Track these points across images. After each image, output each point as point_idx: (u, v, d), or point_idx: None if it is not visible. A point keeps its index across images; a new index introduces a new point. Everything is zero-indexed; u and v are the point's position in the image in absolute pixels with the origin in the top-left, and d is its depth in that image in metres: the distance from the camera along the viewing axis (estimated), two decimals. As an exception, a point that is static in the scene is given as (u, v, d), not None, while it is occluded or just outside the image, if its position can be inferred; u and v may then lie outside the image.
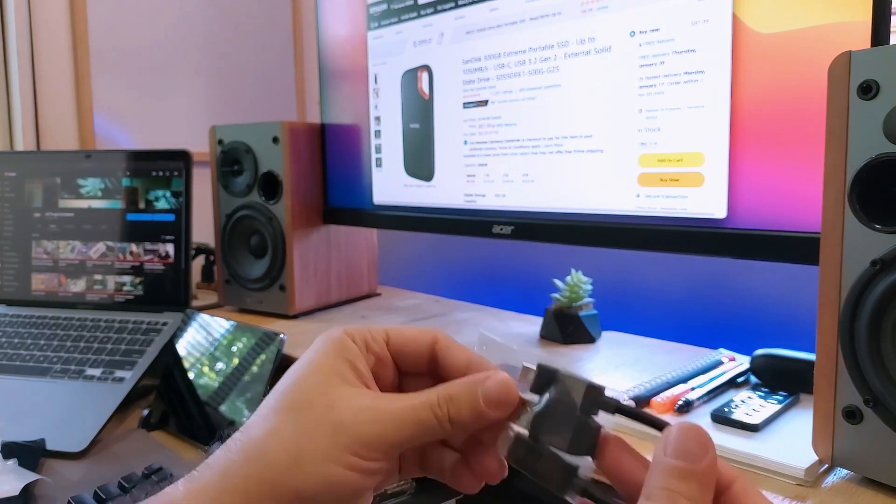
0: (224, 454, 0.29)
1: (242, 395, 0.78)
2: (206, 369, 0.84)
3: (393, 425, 0.29)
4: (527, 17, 0.80)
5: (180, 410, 0.82)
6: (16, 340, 0.96)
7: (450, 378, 0.33)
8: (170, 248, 1.05)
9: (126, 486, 0.62)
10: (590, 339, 0.88)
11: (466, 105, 0.89)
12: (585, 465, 0.29)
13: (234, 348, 0.83)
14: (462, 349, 0.34)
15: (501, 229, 0.86)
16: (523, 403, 0.31)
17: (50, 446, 0.73)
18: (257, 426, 0.30)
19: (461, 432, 0.32)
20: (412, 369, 0.35)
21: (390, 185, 1.02)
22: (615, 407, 0.30)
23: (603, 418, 0.30)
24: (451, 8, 0.89)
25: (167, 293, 1.04)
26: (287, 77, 1.71)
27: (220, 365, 0.83)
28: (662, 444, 0.26)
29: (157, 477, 0.64)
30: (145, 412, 0.84)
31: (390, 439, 0.29)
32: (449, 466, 0.34)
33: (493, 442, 0.32)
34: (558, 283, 0.90)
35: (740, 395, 0.63)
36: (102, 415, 0.80)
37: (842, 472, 0.50)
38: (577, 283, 0.89)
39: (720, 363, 0.72)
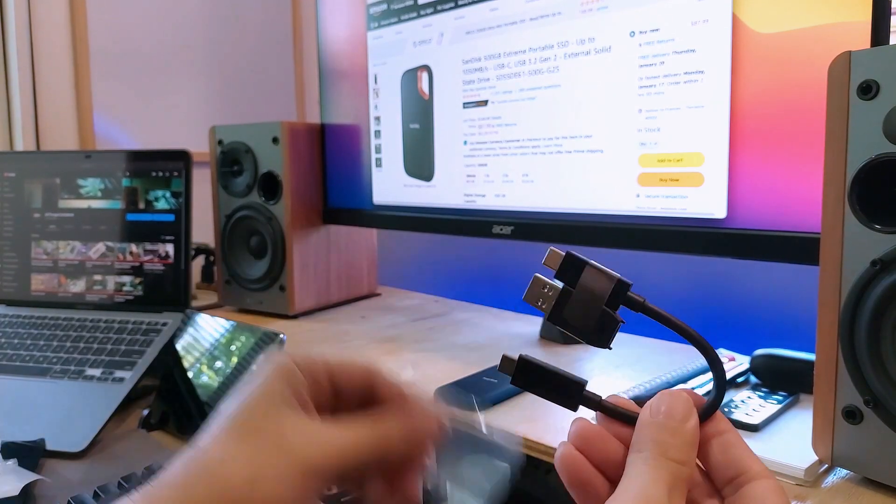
0: (183, 474, 0.30)
1: (242, 396, 0.78)
2: (205, 369, 0.84)
3: (339, 454, 0.31)
4: (527, 17, 0.80)
5: (180, 410, 0.82)
6: (16, 341, 0.96)
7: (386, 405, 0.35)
8: (170, 248, 1.05)
9: (126, 486, 0.62)
10: (590, 339, 0.87)
11: (466, 105, 0.89)
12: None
13: (234, 348, 0.83)
14: (393, 385, 0.36)
15: (501, 229, 0.86)
16: (544, 286, 0.32)
17: (50, 446, 0.73)
18: (214, 449, 0.31)
19: (398, 460, 0.34)
20: (351, 390, 0.36)
21: (390, 185, 1.02)
22: (641, 306, 0.33)
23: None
24: (451, 8, 0.89)
25: (167, 293, 1.04)
26: (287, 77, 1.71)
27: (219, 365, 0.83)
28: (648, 408, 0.30)
29: (157, 477, 0.64)
30: (145, 412, 0.84)
31: (337, 466, 0.31)
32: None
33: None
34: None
35: (740, 395, 0.63)
36: (102, 415, 0.80)
37: (842, 472, 0.50)
38: (576, 283, 0.89)
39: (720, 363, 0.72)
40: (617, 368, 0.77)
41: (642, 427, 0.29)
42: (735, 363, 0.72)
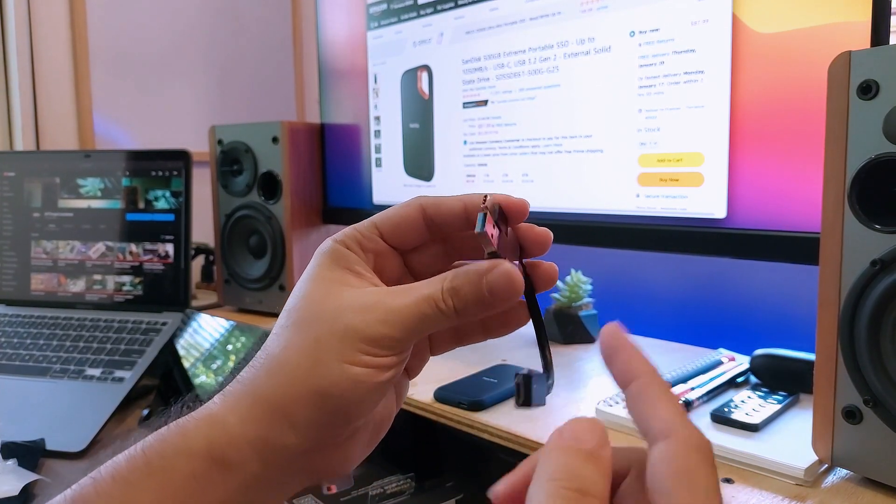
0: (250, 371, 0.31)
1: (242, 395, 0.78)
2: (205, 369, 0.84)
3: (399, 323, 0.30)
4: (526, 17, 0.80)
5: (180, 410, 0.82)
6: (15, 340, 0.96)
7: (455, 231, 0.34)
8: (169, 247, 1.05)
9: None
10: (589, 339, 0.88)
11: (466, 105, 0.89)
12: None
13: (234, 348, 0.83)
14: (451, 198, 0.34)
15: (501, 229, 0.86)
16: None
17: (50, 446, 0.73)
18: (274, 344, 0.31)
19: (469, 320, 0.32)
20: (414, 245, 0.35)
21: (390, 185, 1.02)
22: None
23: None
24: (451, 8, 0.89)
25: (167, 293, 1.04)
26: (287, 77, 1.71)
27: (218, 364, 0.83)
28: (559, 432, 0.24)
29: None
30: (145, 412, 0.84)
31: (398, 336, 0.30)
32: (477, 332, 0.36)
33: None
34: (558, 283, 0.90)
35: (740, 395, 0.63)
36: (102, 415, 0.80)
37: (841, 472, 0.50)
38: (576, 283, 0.89)
39: (720, 363, 0.72)
40: (617, 368, 0.77)
41: (552, 450, 0.23)
42: (735, 363, 0.72)
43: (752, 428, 0.56)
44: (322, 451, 0.32)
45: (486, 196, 0.33)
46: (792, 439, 0.54)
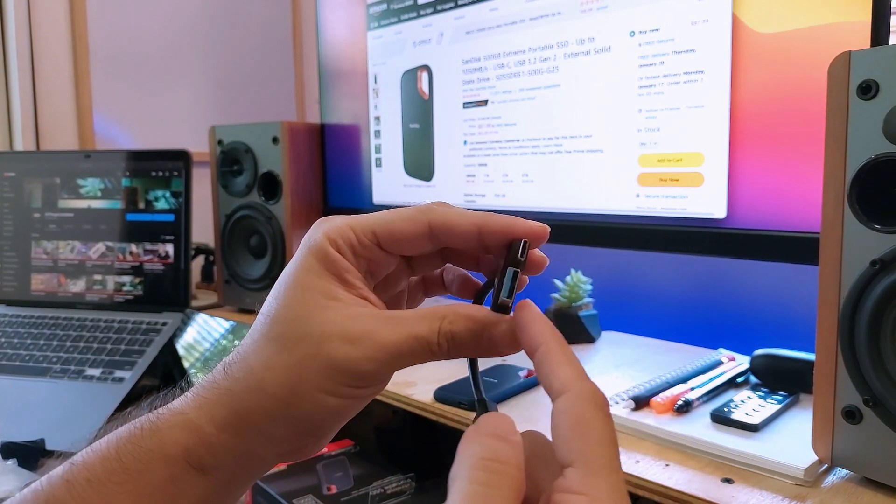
0: (227, 379, 0.31)
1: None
2: (205, 369, 0.84)
3: (386, 360, 0.29)
4: (526, 17, 0.80)
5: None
6: (15, 340, 0.97)
7: (461, 249, 0.33)
8: (169, 248, 1.05)
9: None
10: (589, 339, 0.88)
11: (466, 105, 0.89)
12: None
13: (233, 348, 0.83)
14: (463, 218, 0.31)
15: (501, 229, 0.86)
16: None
17: (50, 446, 0.73)
18: (254, 356, 0.30)
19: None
20: (413, 254, 0.34)
21: (390, 185, 1.02)
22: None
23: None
24: (451, 8, 0.89)
25: (167, 293, 1.04)
26: (287, 77, 1.71)
27: (219, 365, 0.83)
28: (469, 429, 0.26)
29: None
30: (145, 412, 0.84)
31: (384, 373, 0.30)
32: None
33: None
34: (558, 283, 0.90)
35: (740, 395, 0.63)
36: (102, 415, 0.80)
37: (841, 472, 0.50)
38: (576, 283, 0.89)
39: (720, 363, 0.72)
40: (617, 368, 0.77)
41: (464, 440, 0.25)
42: (735, 363, 0.72)
43: (751, 428, 0.56)
44: (293, 455, 0.32)
45: (521, 247, 0.30)
46: (792, 439, 0.54)
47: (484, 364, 0.77)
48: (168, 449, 0.30)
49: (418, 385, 0.69)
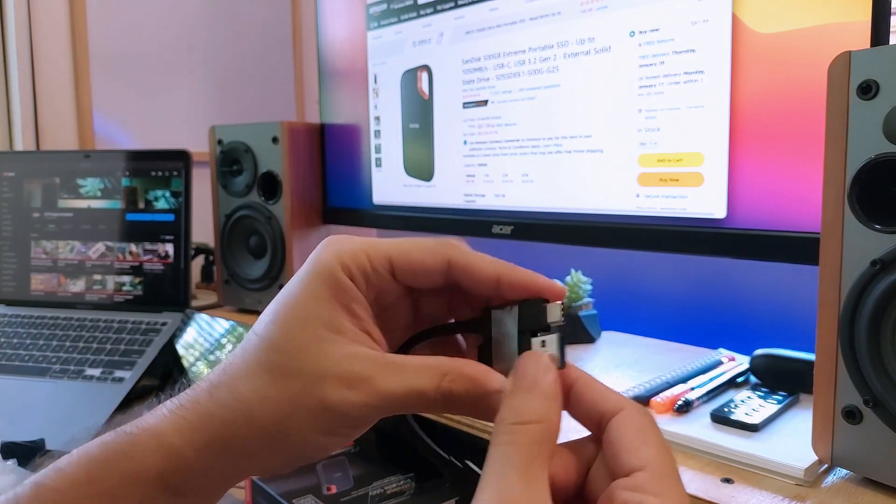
0: (212, 402, 0.29)
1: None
2: (205, 369, 0.84)
3: (380, 406, 0.28)
4: (526, 17, 0.80)
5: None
6: (15, 340, 0.96)
7: (475, 294, 0.31)
8: (169, 248, 1.05)
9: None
10: (589, 339, 0.88)
11: (466, 105, 0.89)
12: None
13: (233, 348, 0.83)
14: (485, 262, 0.31)
15: (501, 229, 0.86)
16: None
17: (50, 446, 0.73)
18: (244, 383, 0.29)
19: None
20: (423, 287, 0.32)
21: (390, 184, 1.02)
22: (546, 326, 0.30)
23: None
24: (451, 8, 0.89)
25: (166, 293, 1.04)
26: (287, 77, 1.71)
27: (219, 365, 0.83)
28: (511, 378, 0.28)
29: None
30: (145, 412, 0.84)
31: (376, 416, 0.29)
32: None
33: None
34: (558, 283, 0.90)
35: (740, 395, 0.63)
36: (102, 415, 0.80)
37: (841, 472, 0.50)
38: (576, 283, 0.89)
39: (720, 363, 0.72)
40: (617, 368, 0.77)
41: (502, 401, 0.27)
42: (735, 363, 0.72)
43: (751, 428, 0.56)
44: (273, 474, 0.32)
45: (558, 308, 0.30)
46: (792, 439, 0.54)
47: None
48: (142, 474, 0.28)
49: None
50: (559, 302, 0.30)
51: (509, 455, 0.25)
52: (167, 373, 0.86)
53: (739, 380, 0.68)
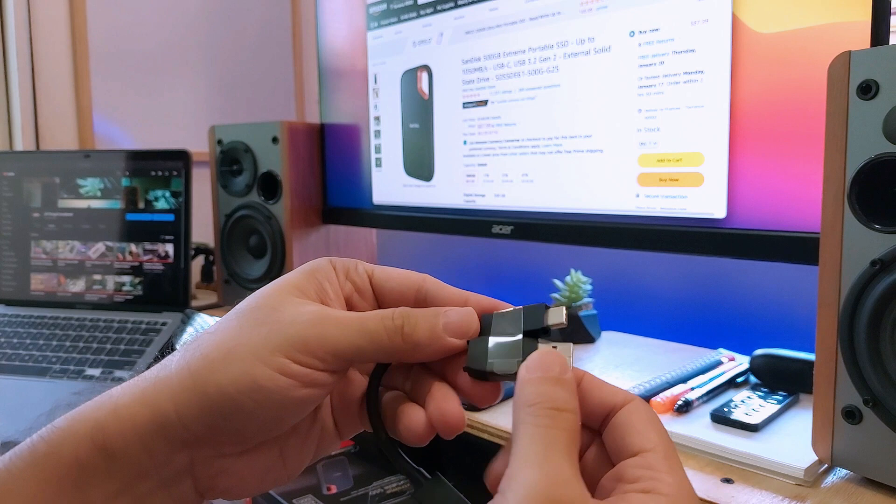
0: (172, 354, 0.30)
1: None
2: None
3: (335, 330, 0.28)
4: (526, 17, 0.80)
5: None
6: (15, 340, 0.96)
7: None
8: (169, 247, 1.05)
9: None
10: (589, 339, 0.88)
11: (466, 105, 0.89)
12: None
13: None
14: (454, 290, 0.33)
15: (501, 229, 0.86)
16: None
17: (49, 446, 0.73)
18: (209, 329, 0.30)
19: (412, 353, 0.30)
20: (395, 305, 0.33)
21: (390, 184, 1.02)
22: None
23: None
24: (451, 8, 0.89)
25: (166, 293, 1.04)
26: (287, 77, 1.71)
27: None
28: (526, 368, 0.28)
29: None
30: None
31: (329, 345, 0.28)
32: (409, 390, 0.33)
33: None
34: (558, 283, 0.90)
35: (740, 395, 0.63)
36: (102, 415, 0.80)
37: (841, 472, 0.50)
38: (576, 283, 0.89)
39: (720, 363, 0.72)
40: (617, 368, 0.77)
41: (524, 384, 0.27)
42: (735, 363, 0.72)
43: (751, 428, 0.56)
44: (210, 460, 0.29)
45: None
46: (792, 439, 0.54)
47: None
48: (77, 426, 0.28)
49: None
50: (562, 307, 0.31)
51: (553, 437, 0.25)
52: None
53: (739, 380, 0.68)
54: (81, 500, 0.27)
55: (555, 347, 0.29)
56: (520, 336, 0.30)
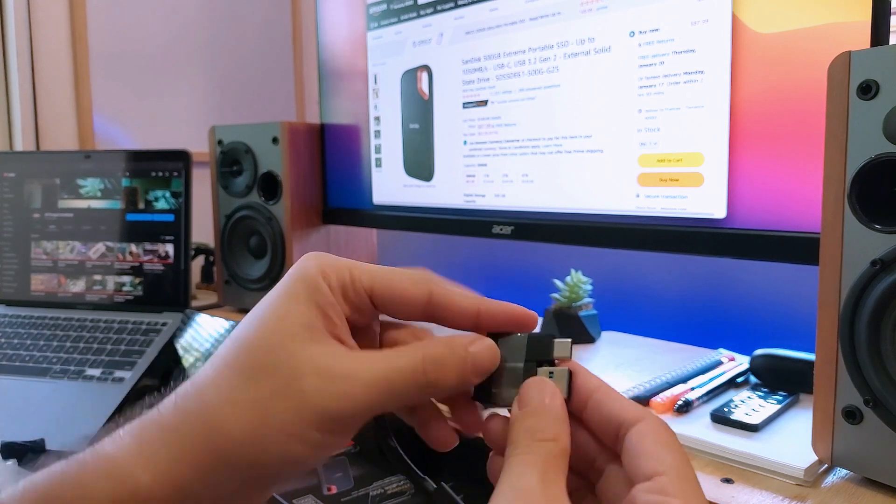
0: (177, 414, 0.27)
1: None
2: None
3: (366, 398, 0.26)
4: (526, 18, 0.80)
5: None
6: (15, 341, 0.96)
7: (453, 327, 0.31)
8: (169, 248, 1.05)
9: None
10: (590, 339, 0.88)
11: (466, 105, 0.89)
12: None
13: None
14: (464, 297, 0.31)
15: (501, 229, 0.86)
16: None
17: (50, 446, 0.73)
18: (212, 388, 0.27)
19: (436, 397, 0.30)
20: (400, 318, 0.31)
21: (390, 185, 1.02)
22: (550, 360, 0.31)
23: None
24: (451, 8, 0.89)
25: (167, 293, 1.04)
26: (287, 77, 1.71)
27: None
28: (516, 403, 0.28)
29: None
30: (145, 412, 0.84)
31: (359, 414, 0.27)
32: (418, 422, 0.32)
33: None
34: (558, 283, 0.90)
35: (740, 395, 0.63)
36: (102, 415, 0.80)
37: (841, 472, 0.50)
38: (576, 283, 0.89)
39: (720, 363, 0.72)
40: (617, 368, 0.77)
41: (513, 423, 0.28)
42: (735, 363, 0.72)
43: (751, 428, 0.56)
44: None
45: (558, 345, 0.32)
46: (792, 439, 0.54)
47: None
48: (92, 503, 0.25)
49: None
50: (569, 340, 0.31)
51: (526, 462, 0.25)
52: (167, 373, 0.86)
53: (739, 380, 0.68)
54: None
55: (551, 374, 0.30)
56: (521, 364, 0.30)
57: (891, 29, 0.55)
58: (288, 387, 0.26)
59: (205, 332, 0.88)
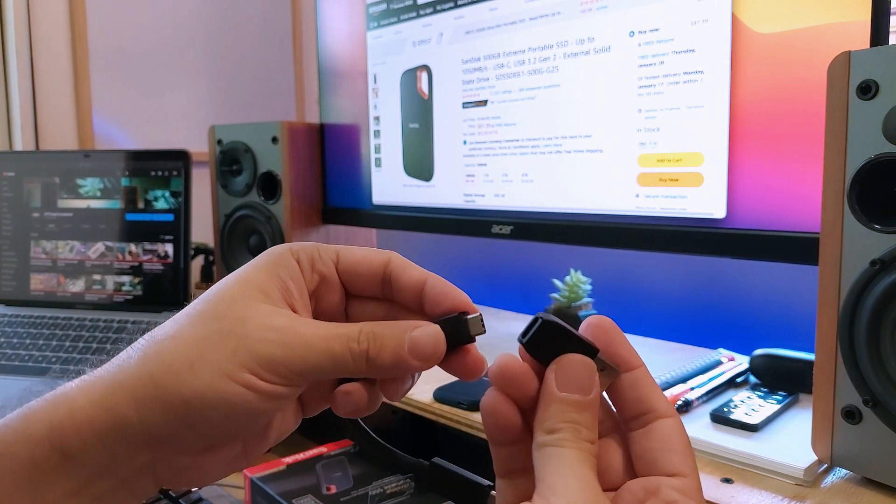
0: (125, 353, 0.29)
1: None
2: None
3: (301, 351, 0.28)
4: (526, 17, 0.80)
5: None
6: (15, 340, 0.96)
7: (404, 302, 0.32)
8: (169, 248, 1.05)
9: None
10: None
11: (466, 105, 0.89)
12: None
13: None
14: (417, 269, 0.32)
15: (501, 229, 0.86)
16: None
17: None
18: (163, 329, 0.29)
19: (375, 375, 0.30)
20: (363, 293, 0.33)
21: (389, 184, 1.02)
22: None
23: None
24: (451, 8, 0.89)
25: (166, 293, 1.04)
26: (286, 77, 1.71)
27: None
28: (553, 380, 0.28)
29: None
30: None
31: (294, 366, 0.28)
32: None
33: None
34: (558, 283, 0.90)
35: (740, 395, 0.63)
36: (101, 415, 0.80)
37: (841, 472, 0.50)
38: (576, 283, 0.89)
39: (719, 363, 0.72)
40: (616, 368, 0.77)
41: (552, 402, 0.27)
42: (734, 363, 0.72)
43: (751, 428, 0.56)
44: (172, 459, 0.29)
45: (477, 321, 0.32)
46: (791, 439, 0.54)
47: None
48: (32, 428, 0.27)
49: (418, 385, 0.69)
50: (478, 314, 0.31)
51: (583, 458, 0.26)
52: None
53: (739, 380, 0.68)
54: (37, 498, 0.27)
55: (602, 369, 0.29)
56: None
57: (891, 29, 0.55)
58: (232, 330, 0.27)
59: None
